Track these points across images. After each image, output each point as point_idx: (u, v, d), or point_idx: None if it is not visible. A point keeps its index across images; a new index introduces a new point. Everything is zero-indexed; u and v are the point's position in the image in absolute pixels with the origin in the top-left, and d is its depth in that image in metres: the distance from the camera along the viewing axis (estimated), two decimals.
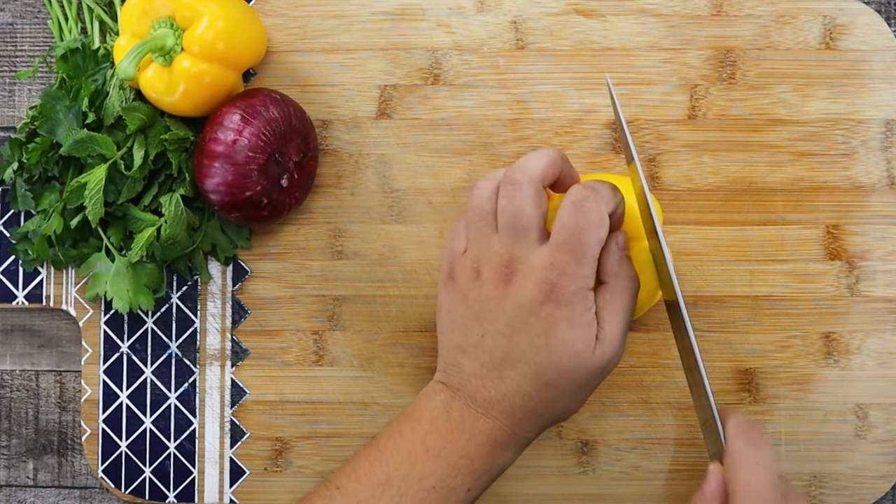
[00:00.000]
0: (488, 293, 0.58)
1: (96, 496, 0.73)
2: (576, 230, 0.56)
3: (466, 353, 0.59)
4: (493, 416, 0.58)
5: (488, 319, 0.58)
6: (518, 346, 0.57)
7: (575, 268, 0.56)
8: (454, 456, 0.57)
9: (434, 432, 0.58)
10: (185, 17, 0.64)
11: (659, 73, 0.70)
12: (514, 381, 0.57)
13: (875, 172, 0.70)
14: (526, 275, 0.56)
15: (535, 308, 0.56)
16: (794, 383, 0.70)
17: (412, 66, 0.71)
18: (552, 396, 0.57)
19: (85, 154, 0.67)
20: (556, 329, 0.56)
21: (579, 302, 0.56)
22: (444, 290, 0.61)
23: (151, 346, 0.71)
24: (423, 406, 0.59)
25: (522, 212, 0.57)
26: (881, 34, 0.70)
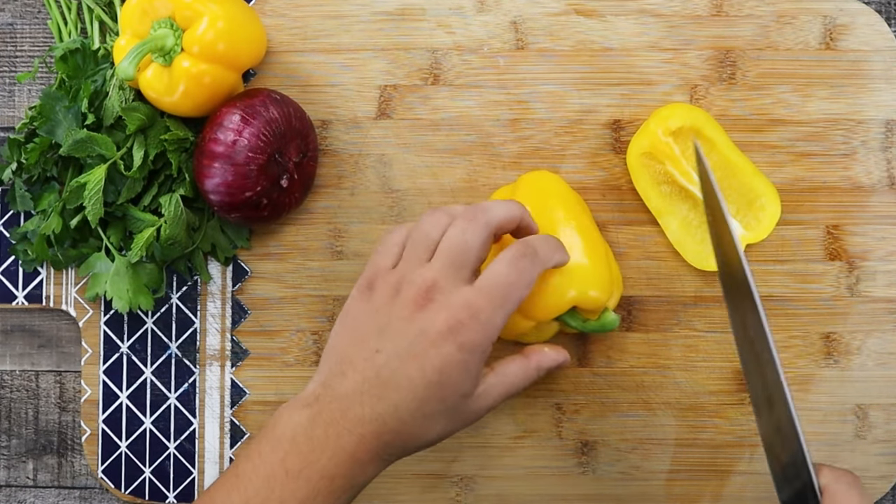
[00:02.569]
0: (399, 312, 0.58)
1: (96, 496, 0.73)
2: (504, 283, 0.57)
3: (354, 366, 0.58)
4: (360, 433, 0.57)
5: (389, 337, 0.57)
6: (408, 372, 0.57)
7: (489, 315, 0.57)
8: (315, 477, 0.56)
9: (294, 452, 0.56)
10: (185, 17, 0.64)
11: (659, 73, 0.70)
12: (392, 403, 0.57)
13: (875, 172, 0.70)
14: (441, 307, 0.57)
15: (437, 342, 0.56)
16: (794, 383, 0.70)
17: (412, 66, 0.71)
18: (424, 427, 0.58)
19: (84, 154, 0.67)
20: (452, 370, 0.56)
21: (479, 354, 0.57)
22: (357, 298, 0.60)
23: (151, 346, 0.71)
24: (284, 423, 0.57)
25: (468, 248, 0.58)
26: (881, 34, 0.70)
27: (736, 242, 0.56)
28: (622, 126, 0.70)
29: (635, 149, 0.68)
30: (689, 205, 0.69)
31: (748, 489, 0.69)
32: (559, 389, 0.70)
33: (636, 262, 0.70)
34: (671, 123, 0.68)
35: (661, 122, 0.68)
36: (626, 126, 0.70)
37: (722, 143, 0.68)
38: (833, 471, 0.56)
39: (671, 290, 0.70)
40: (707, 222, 0.60)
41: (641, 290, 0.70)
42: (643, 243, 0.70)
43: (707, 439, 0.70)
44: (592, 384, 0.70)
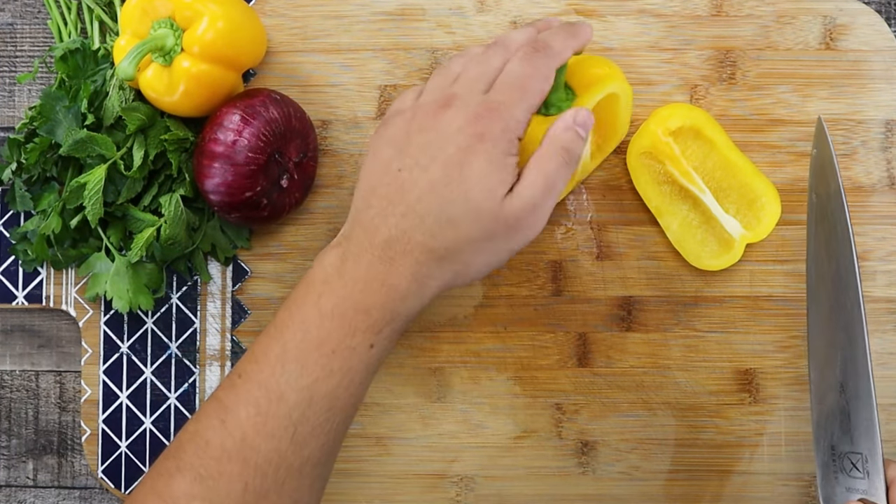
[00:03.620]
0: (417, 127, 0.57)
1: (96, 496, 0.73)
2: (521, 76, 0.57)
3: (376, 192, 0.57)
4: (391, 257, 0.55)
5: (409, 153, 0.56)
6: (431, 176, 0.55)
7: (509, 109, 0.56)
8: (349, 312, 0.54)
9: (327, 292, 0.55)
10: (185, 17, 0.64)
11: (659, 73, 0.70)
12: (417, 215, 0.55)
13: (875, 172, 0.70)
14: (459, 108, 0.56)
15: (456, 137, 0.55)
16: (794, 383, 0.70)
17: (412, 66, 0.71)
18: (453, 237, 0.55)
19: (84, 154, 0.67)
20: (473, 160, 0.55)
21: (502, 143, 0.55)
22: (371, 140, 0.59)
23: (151, 346, 0.71)
24: (316, 268, 0.57)
25: (487, 69, 0.58)
26: (881, 34, 0.70)
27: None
28: None
29: (635, 148, 0.68)
30: (690, 204, 0.69)
31: (748, 489, 0.69)
32: (559, 389, 0.70)
33: (636, 262, 0.70)
34: (671, 123, 0.68)
35: (661, 122, 0.68)
36: None
37: (722, 143, 0.68)
38: None
39: (671, 290, 0.70)
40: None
41: (641, 290, 0.70)
42: (643, 243, 0.70)
43: (707, 439, 0.70)
44: (592, 384, 0.70)
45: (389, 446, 0.70)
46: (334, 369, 0.54)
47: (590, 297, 0.70)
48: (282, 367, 0.54)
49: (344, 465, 0.70)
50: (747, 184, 0.68)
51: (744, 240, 0.68)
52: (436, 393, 0.71)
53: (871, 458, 0.56)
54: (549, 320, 0.70)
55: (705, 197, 0.68)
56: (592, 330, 0.70)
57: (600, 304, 0.70)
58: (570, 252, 0.70)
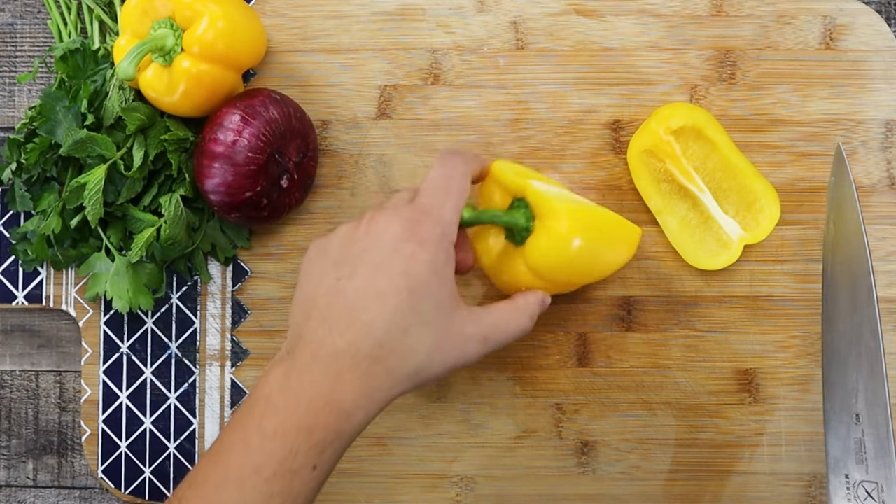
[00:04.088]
0: (354, 236, 0.56)
1: (96, 496, 0.73)
2: (442, 177, 0.58)
3: (316, 303, 0.56)
4: (337, 371, 0.53)
5: (348, 263, 0.56)
6: (376, 286, 0.54)
7: (439, 209, 0.56)
8: (291, 433, 0.52)
9: (270, 411, 0.53)
10: (186, 17, 0.64)
11: (659, 73, 0.70)
12: (365, 325, 0.54)
13: (875, 172, 0.70)
14: (390, 216, 0.56)
15: (398, 246, 0.55)
16: (794, 383, 0.70)
17: (412, 66, 0.71)
18: (405, 346, 0.54)
19: (84, 154, 0.67)
20: (419, 272, 0.54)
21: (442, 250, 0.55)
22: (308, 252, 0.59)
23: (151, 346, 0.71)
24: (261, 385, 0.55)
25: (451, 178, 0.58)
26: (881, 34, 0.70)
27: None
28: (622, 126, 0.70)
29: (636, 146, 0.68)
30: (689, 204, 0.69)
31: (748, 489, 0.69)
32: (559, 389, 0.70)
33: (636, 262, 0.70)
34: (672, 122, 0.68)
35: (663, 121, 0.68)
36: (626, 126, 0.70)
37: (723, 143, 0.68)
38: None
39: (671, 290, 0.70)
40: None
41: (641, 290, 0.70)
42: (643, 243, 0.70)
43: (707, 439, 0.70)
44: (592, 384, 0.70)
45: (389, 446, 0.70)
46: (274, 493, 0.52)
47: (590, 297, 0.70)
48: (223, 492, 0.52)
49: (344, 464, 0.70)
50: (747, 185, 0.68)
51: (742, 241, 0.68)
52: (436, 393, 0.71)
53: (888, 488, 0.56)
54: (549, 320, 0.70)
55: (705, 197, 0.68)
56: (592, 330, 0.70)
57: (600, 304, 0.70)
58: None
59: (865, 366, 0.57)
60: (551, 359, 0.70)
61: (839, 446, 0.58)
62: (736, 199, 0.68)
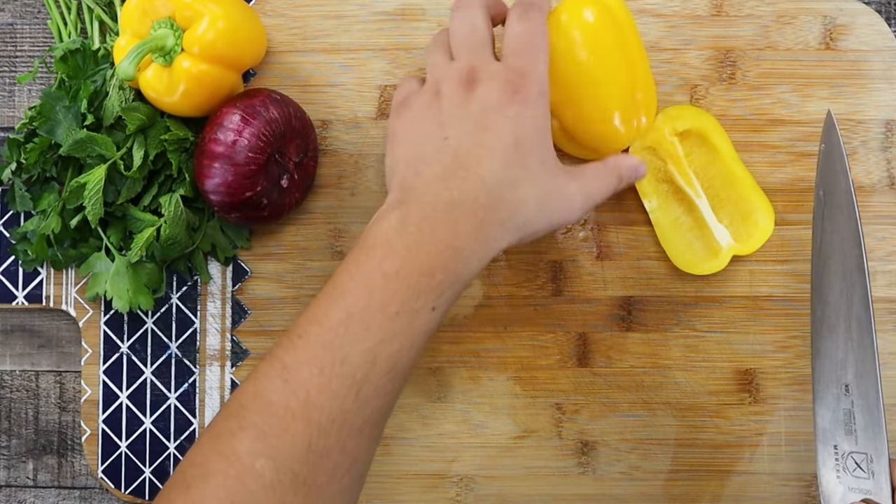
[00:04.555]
0: (450, 102, 0.59)
1: (96, 496, 0.73)
2: (528, 35, 0.59)
3: (426, 161, 0.58)
4: (455, 219, 0.56)
5: (452, 125, 0.58)
6: (485, 143, 0.57)
7: (533, 68, 0.59)
8: (413, 275, 0.55)
9: (390, 255, 0.56)
10: (186, 17, 0.64)
11: (659, 73, 0.70)
12: (478, 176, 0.57)
13: (875, 172, 0.70)
14: (488, 79, 0.59)
15: (502, 108, 0.58)
16: (794, 383, 0.70)
17: (412, 66, 0.71)
18: (514, 199, 0.57)
19: (84, 154, 0.67)
20: (525, 129, 0.58)
21: (542, 105, 0.59)
22: (397, 117, 0.61)
23: (151, 346, 0.71)
24: (375, 231, 0.57)
25: (475, 27, 0.60)
26: (881, 34, 0.70)
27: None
28: None
29: (640, 142, 0.68)
30: (684, 207, 0.69)
31: (748, 489, 0.69)
32: (559, 389, 0.70)
33: (636, 262, 0.70)
34: (679, 125, 0.68)
35: (670, 122, 0.68)
36: None
37: (726, 151, 0.68)
38: None
39: (671, 290, 0.70)
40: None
41: (641, 290, 0.70)
42: (643, 243, 0.70)
43: (707, 439, 0.70)
44: (592, 384, 0.70)
45: (390, 446, 0.70)
46: (398, 331, 0.55)
47: (590, 297, 0.70)
48: (345, 329, 0.54)
49: None
50: (745, 197, 0.68)
51: (731, 251, 0.68)
52: (436, 393, 0.71)
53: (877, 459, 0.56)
54: (549, 320, 0.70)
55: (700, 202, 0.68)
56: (592, 330, 0.70)
57: (600, 304, 0.70)
58: (570, 252, 0.70)
59: (855, 336, 0.57)
60: (551, 359, 0.70)
61: (828, 417, 0.58)
62: (731, 209, 0.68)
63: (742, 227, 0.68)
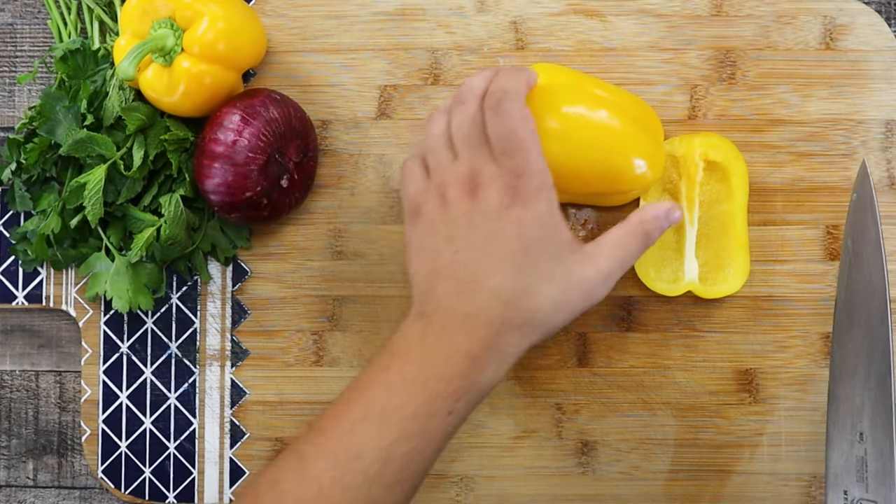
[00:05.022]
0: (456, 211, 0.59)
1: (96, 496, 0.73)
2: (508, 132, 0.58)
3: (440, 275, 0.59)
4: (472, 329, 0.57)
5: (459, 236, 0.59)
6: (493, 255, 0.58)
7: (526, 164, 0.58)
8: (431, 381, 0.56)
9: (410, 361, 0.57)
10: (186, 17, 0.64)
11: (659, 73, 0.70)
12: (491, 291, 0.57)
13: (875, 173, 0.70)
14: (487, 184, 0.58)
15: (504, 213, 0.58)
16: (794, 383, 0.70)
17: (412, 66, 0.71)
18: (530, 305, 0.58)
19: (84, 154, 0.67)
20: (529, 231, 0.58)
21: (544, 199, 0.58)
22: (411, 225, 0.61)
23: (151, 346, 0.71)
24: (398, 340, 0.59)
25: (476, 124, 0.59)
26: (881, 34, 0.70)
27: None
28: None
29: (669, 147, 0.68)
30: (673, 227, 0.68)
31: (748, 489, 0.69)
32: (559, 389, 0.70)
33: (636, 261, 0.70)
34: (712, 153, 0.67)
35: (706, 146, 0.67)
36: None
37: (739, 202, 0.67)
38: None
39: None
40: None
41: (641, 290, 0.70)
42: None
43: (707, 439, 0.70)
44: (592, 384, 0.70)
45: None
46: (413, 432, 0.56)
47: None
48: (362, 426, 0.56)
49: None
50: (729, 249, 0.68)
51: (689, 286, 0.68)
52: None
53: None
54: None
55: (689, 231, 0.68)
56: (592, 330, 0.70)
57: (600, 304, 0.70)
58: None
59: (874, 385, 0.58)
60: (551, 359, 0.70)
61: (840, 463, 0.58)
62: (712, 253, 0.68)
63: (712, 272, 0.68)
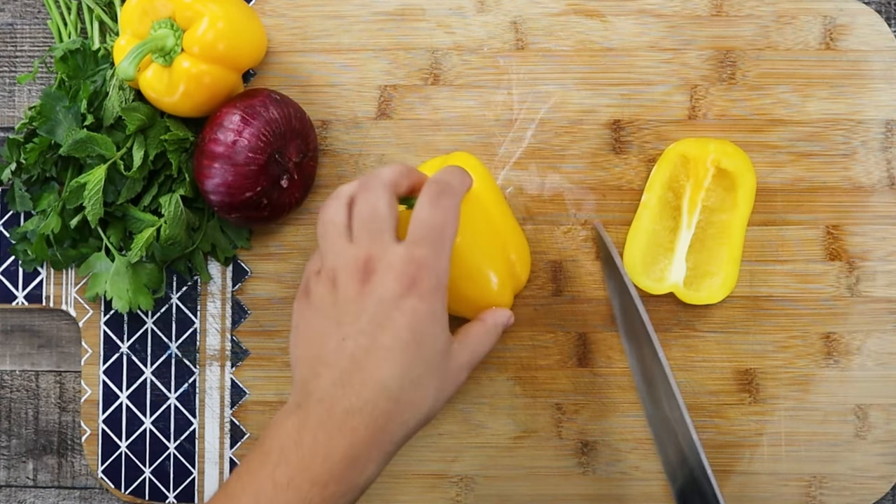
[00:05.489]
0: (346, 295, 0.57)
1: (96, 496, 0.73)
2: (434, 225, 0.57)
3: (325, 362, 0.56)
4: (353, 427, 0.54)
5: (348, 322, 0.56)
6: (383, 344, 0.55)
7: (434, 260, 0.56)
8: (305, 485, 0.53)
9: (283, 463, 0.54)
10: (186, 17, 0.64)
11: (659, 73, 0.70)
12: (377, 381, 0.55)
13: (875, 173, 0.70)
14: (385, 271, 0.56)
15: (398, 302, 0.55)
16: (794, 383, 0.70)
17: (412, 66, 0.71)
18: (417, 396, 0.56)
19: (84, 154, 0.67)
20: (423, 324, 0.56)
21: (439, 298, 0.56)
22: (298, 308, 0.59)
23: (151, 346, 0.71)
24: (272, 436, 0.55)
25: (377, 211, 0.57)
26: (881, 34, 0.70)
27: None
28: (622, 126, 0.70)
29: (681, 147, 0.68)
30: (670, 226, 0.68)
31: (748, 489, 0.69)
32: (559, 389, 0.70)
33: None
34: (725, 162, 0.67)
35: (720, 152, 0.67)
36: (626, 126, 0.70)
37: (741, 215, 0.67)
38: None
39: None
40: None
41: (642, 290, 0.70)
42: None
43: (707, 439, 0.70)
44: (592, 384, 0.70)
45: None
46: None
47: (590, 297, 0.70)
48: None
49: None
50: (720, 260, 0.68)
51: (671, 288, 0.68)
52: None
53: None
54: (549, 320, 0.70)
55: (685, 233, 0.68)
56: (592, 330, 0.70)
57: (600, 304, 0.70)
58: (570, 252, 0.70)
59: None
60: (551, 359, 0.70)
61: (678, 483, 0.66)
62: (702, 260, 0.68)
63: (698, 279, 0.68)
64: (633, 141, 0.70)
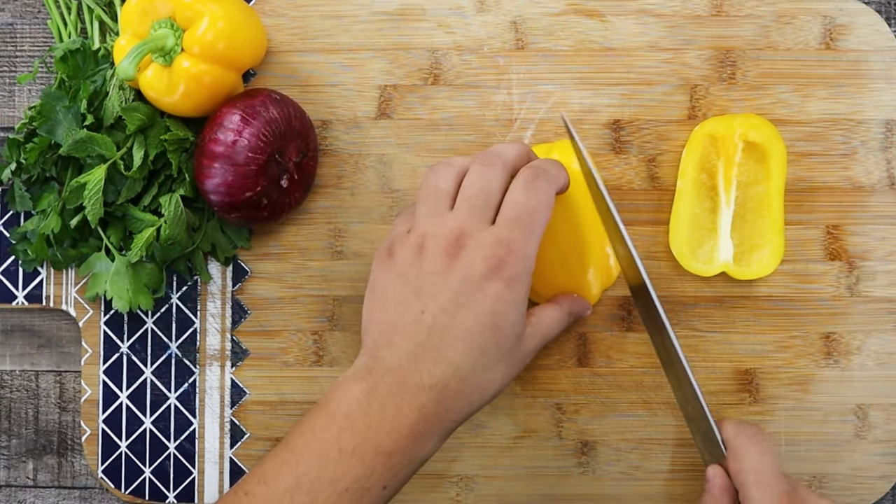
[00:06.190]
0: (431, 267, 0.56)
1: (96, 496, 0.73)
2: (528, 208, 0.56)
3: (400, 332, 0.56)
4: (422, 403, 0.55)
5: (429, 294, 0.56)
6: (462, 324, 0.55)
7: (523, 245, 0.56)
8: (369, 454, 0.54)
9: (349, 428, 0.54)
10: (186, 17, 0.64)
11: (659, 73, 0.70)
12: (451, 363, 0.55)
13: (875, 173, 0.70)
14: (474, 249, 0.56)
15: (482, 285, 0.55)
16: (794, 383, 0.70)
17: (412, 66, 0.71)
18: (486, 380, 0.56)
19: (84, 154, 0.67)
20: (504, 309, 0.55)
21: (524, 287, 0.56)
22: (380, 268, 0.59)
23: (151, 346, 0.71)
24: (338, 398, 0.55)
25: (488, 188, 0.57)
26: (881, 34, 0.70)
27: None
28: (622, 126, 0.70)
29: (708, 126, 0.68)
30: (708, 206, 0.68)
31: None
32: (559, 389, 0.70)
33: None
34: (752, 134, 0.67)
35: (746, 126, 0.67)
36: (626, 126, 0.70)
37: (777, 183, 0.67)
38: (735, 425, 0.59)
39: (671, 290, 0.70)
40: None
41: None
42: (643, 243, 0.70)
43: None
44: (592, 384, 0.70)
45: None
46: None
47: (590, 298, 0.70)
48: (290, 497, 0.54)
49: None
50: (765, 230, 0.68)
51: (723, 268, 0.68)
52: None
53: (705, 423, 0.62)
54: None
55: (725, 211, 0.68)
56: (592, 330, 0.70)
57: (600, 304, 0.70)
58: None
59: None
60: (551, 359, 0.70)
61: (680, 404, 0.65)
62: (747, 234, 0.68)
63: (747, 254, 0.68)
64: (633, 141, 0.70)
